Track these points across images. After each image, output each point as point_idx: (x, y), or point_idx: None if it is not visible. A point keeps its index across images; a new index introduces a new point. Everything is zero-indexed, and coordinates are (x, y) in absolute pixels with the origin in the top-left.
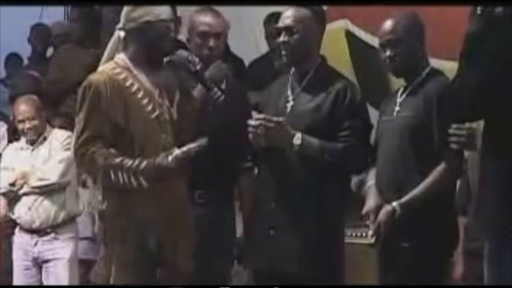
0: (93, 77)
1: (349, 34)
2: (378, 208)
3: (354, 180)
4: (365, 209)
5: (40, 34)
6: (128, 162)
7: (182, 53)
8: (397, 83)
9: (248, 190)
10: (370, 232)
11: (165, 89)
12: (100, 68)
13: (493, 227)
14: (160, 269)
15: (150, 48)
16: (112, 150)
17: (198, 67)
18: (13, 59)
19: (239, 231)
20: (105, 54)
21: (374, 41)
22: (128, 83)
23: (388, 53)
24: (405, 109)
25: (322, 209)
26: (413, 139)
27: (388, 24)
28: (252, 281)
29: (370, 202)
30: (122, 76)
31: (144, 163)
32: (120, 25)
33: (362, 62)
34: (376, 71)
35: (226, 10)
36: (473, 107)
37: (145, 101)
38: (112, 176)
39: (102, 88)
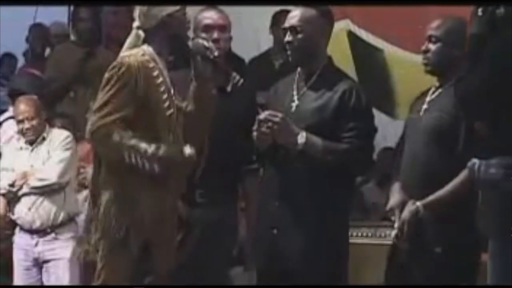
0: (125, 59)
1: (350, 35)
2: (403, 204)
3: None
4: (389, 205)
5: (38, 34)
6: (144, 146)
7: (198, 41)
8: (399, 83)
9: (253, 192)
10: (395, 227)
11: (179, 88)
12: (127, 53)
13: (497, 225)
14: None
15: (176, 38)
16: (130, 132)
17: (216, 53)
18: (7, 59)
19: (242, 232)
20: (124, 47)
21: (376, 42)
22: (155, 73)
23: (423, 47)
24: (434, 109)
25: (326, 209)
26: (440, 139)
27: (435, 22)
28: (255, 280)
29: (395, 197)
30: (150, 65)
31: (161, 150)
32: (137, 23)
33: (364, 62)
34: (378, 71)
35: (226, 10)
36: (476, 107)
37: (165, 96)
38: (126, 156)
39: (133, 70)
